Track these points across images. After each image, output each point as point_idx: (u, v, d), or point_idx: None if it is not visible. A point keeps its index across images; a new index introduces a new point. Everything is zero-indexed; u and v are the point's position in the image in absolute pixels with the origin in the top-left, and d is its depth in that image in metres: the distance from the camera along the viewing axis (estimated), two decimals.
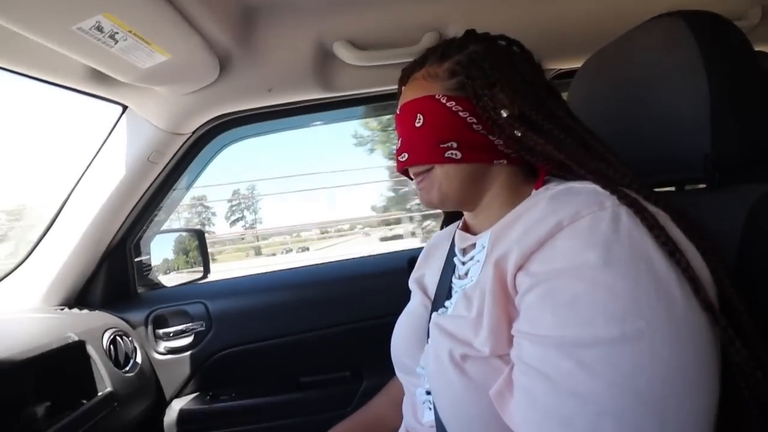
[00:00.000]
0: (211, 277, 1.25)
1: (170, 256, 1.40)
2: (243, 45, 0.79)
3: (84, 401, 0.82)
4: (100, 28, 0.57)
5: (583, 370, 0.35)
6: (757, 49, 0.52)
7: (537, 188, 0.50)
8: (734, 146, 0.49)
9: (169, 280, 1.33)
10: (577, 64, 0.92)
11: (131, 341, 1.02)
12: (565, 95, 0.72)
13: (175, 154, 1.02)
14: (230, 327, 1.11)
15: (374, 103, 1.05)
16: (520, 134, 0.47)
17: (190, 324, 1.11)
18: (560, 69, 0.98)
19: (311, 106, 1.03)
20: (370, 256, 1.29)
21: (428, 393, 0.54)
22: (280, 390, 1.09)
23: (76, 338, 0.86)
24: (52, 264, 0.99)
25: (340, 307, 1.12)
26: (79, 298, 1.07)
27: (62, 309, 1.01)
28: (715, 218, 0.47)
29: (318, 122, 1.19)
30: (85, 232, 0.99)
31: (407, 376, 0.60)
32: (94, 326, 0.95)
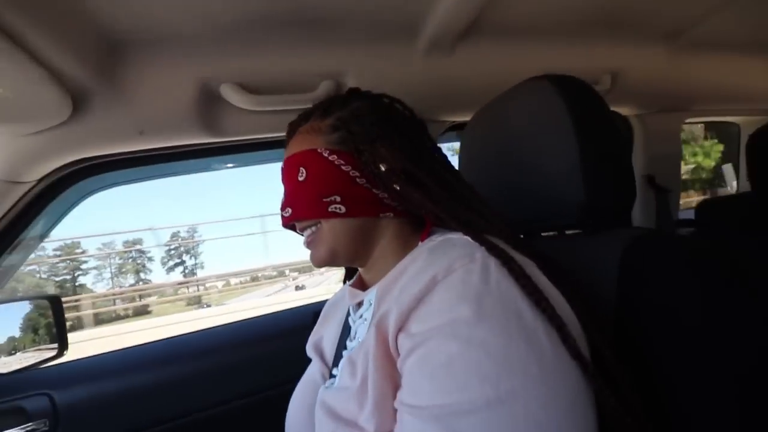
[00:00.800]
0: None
1: (11, 331, 1.11)
2: (104, 82, 0.68)
3: None
4: None
5: None
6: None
7: (423, 240, 0.50)
8: (604, 195, 0.53)
9: (6, 363, 1.04)
10: (468, 117, 0.99)
11: None
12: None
13: (11, 208, 0.81)
14: (84, 424, 0.87)
15: (270, 149, 0.98)
16: (398, 188, 0.48)
17: (29, 424, 0.85)
18: (454, 121, 1.04)
19: (197, 150, 0.92)
20: (270, 314, 1.16)
21: None
22: None
23: None
24: None
25: (235, 378, 0.97)
26: None
27: None
28: (592, 261, 0.51)
29: (211, 168, 1.07)
30: None
31: None
32: None
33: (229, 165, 1.09)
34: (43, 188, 0.84)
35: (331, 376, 0.52)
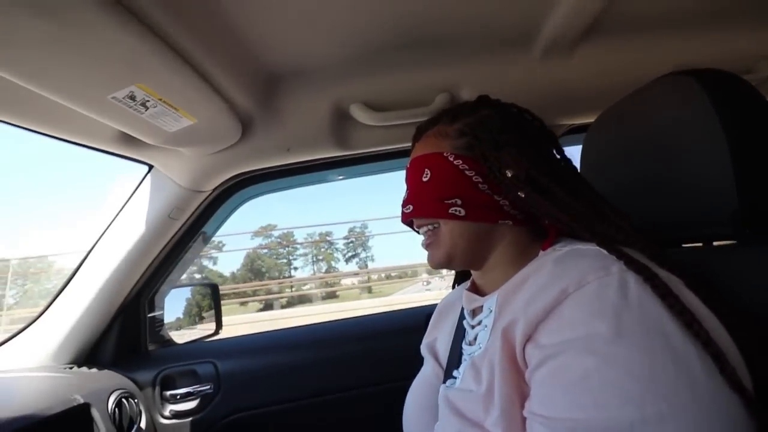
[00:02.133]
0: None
1: (183, 311, 1.39)
2: (264, 109, 0.83)
3: None
4: (132, 97, 0.60)
5: None
6: None
7: (545, 249, 0.49)
8: (763, 200, 0.47)
9: (180, 336, 1.30)
10: (588, 119, 0.94)
11: (137, 404, 0.98)
12: (578, 148, 0.73)
13: (194, 211, 1.04)
14: (239, 390, 1.06)
15: (388, 160, 1.07)
16: (524, 195, 0.47)
17: (198, 386, 1.07)
18: (572, 124, 1.00)
19: (328, 163, 1.06)
20: (387, 312, 1.25)
21: None
22: None
23: (82, 401, 0.83)
24: (66, 320, 0.98)
25: (355, 368, 1.07)
26: (90, 355, 1.05)
27: (71, 368, 0.99)
28: (750, 275, 0.45)
29: (335, 178, 1.21)
30: (102, 288, 0.99)
31: None
32: (101, 387, 0.92)
33: (340, 177, 1.20)
34: (215, 196, 1.05)
35: (452, 377, 0.52)
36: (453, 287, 0.72)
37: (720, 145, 0.47)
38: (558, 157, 0.54)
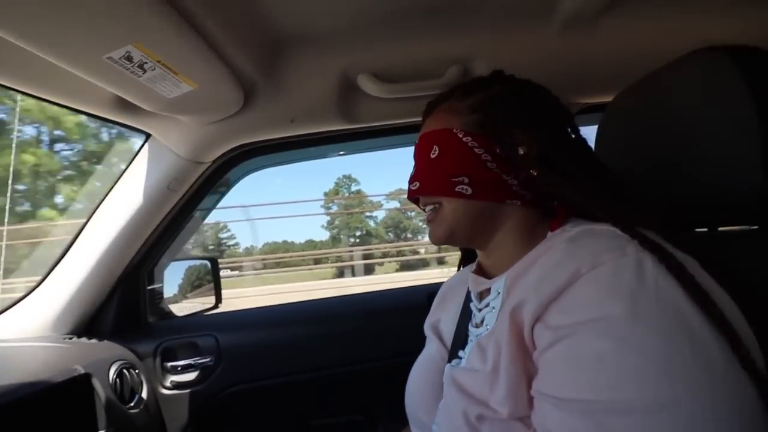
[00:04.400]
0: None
1: (182, 283, 1.38)
2: (268, 76, 0.79)
3: None
4: (129, 58, 0.57)
5: None
6: None
7: (553, 230, 0.48)
8: None
9: (180, 309, 1.30)
10: (604, 98, 0.90)
11: (138, 374, 0.98)
12: (592, 128, 0.70)
13: (194, 183, 1.01)
14: (239, 362, 1.06)
15: (395, 135, 1.04)
16: (536, 173, 0.46)
17: (199, 358, 1.07)
18: (587, 103, 0.96)
19: (332, 136, 1.02)
20: (387, 290, 1.25)
21: None
22: None
23: (82, 371, 0.83)
24: (65, 290, 0.97)
25: (356, 343, 1.07)
26: (89, 326, 1.04)
27: (71, 338, 0.98)
28: None
29: (339, 153, 1.18)
30: (101, 258, 0.97)
31: None
32: (102, 358, 0.92)
33: (341, 153, 1.17)
34: (215, 168, 1.02)
35: (457, 356, 0.52)
36: (458, 269, 0.71)
37: (750, 124, 0.45)
38: (573, 136, 0.52)
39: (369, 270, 12.04)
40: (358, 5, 0.71)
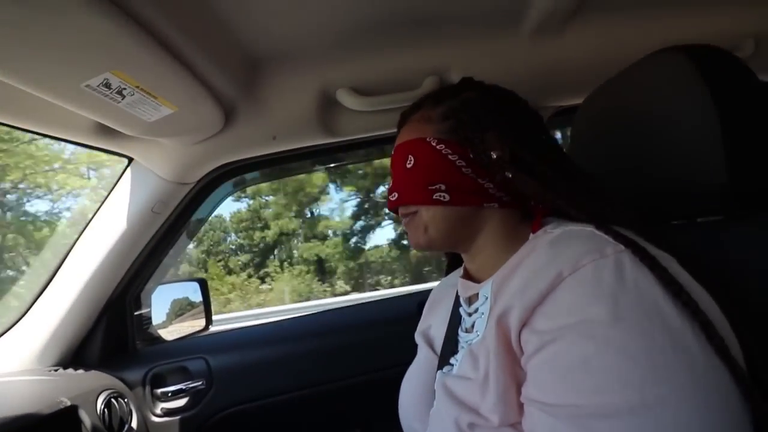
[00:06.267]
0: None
1: (170, 307, 1.36)
2: (248, 95, 0.80)
3: None
4: (107, 85, 0.57)
5: None
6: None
7: (534, 231, 0.49)
8: (751, 175, 0.47)
9: (169, 333, 1.28)
10: (576, 101, 0.93)
11: (127, 403, 0.96)
12: (566, 131, 0.73)
13: (179, 204, 1.01)
14: (231, 384, 1.04)
15: (375, 147, 1.06)
16: (510, 175, 0.47)
17: (190, 382, 1.05)
18: (560, 106, 0.99)
19: (314, 151, 1.03)
20: (377, 300, 1.25)
21: None
22: None
23: (69, 403, 0.81)
24: (49, 321, 0.95)
25: (349, 358, 1.06)
26: (76, 355, 1.02)
27: (56, 370, 0.96)
28: (737, 250, 0.46)
29: (320, 166, 1.19)
30: (85, 286, 0.96)
31: None
32: (89, 388, 0.90)
33: (331, 165, 1.18)
34: (200, 188, 1.02)
35: (448, 363, 0.52)
36: (446, 274, 0.72)
37: (711, 120, 0.47)
38: (543, 137, 0.54)
39: None
40: (333, 22, 0.73)
